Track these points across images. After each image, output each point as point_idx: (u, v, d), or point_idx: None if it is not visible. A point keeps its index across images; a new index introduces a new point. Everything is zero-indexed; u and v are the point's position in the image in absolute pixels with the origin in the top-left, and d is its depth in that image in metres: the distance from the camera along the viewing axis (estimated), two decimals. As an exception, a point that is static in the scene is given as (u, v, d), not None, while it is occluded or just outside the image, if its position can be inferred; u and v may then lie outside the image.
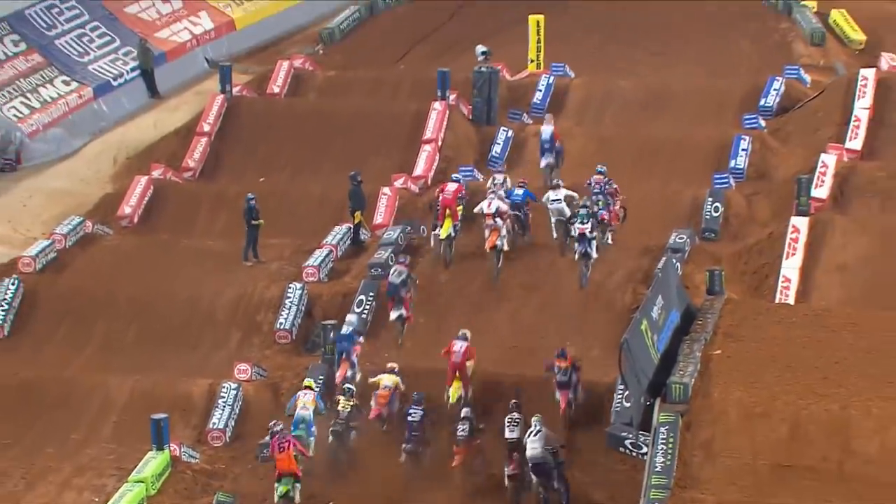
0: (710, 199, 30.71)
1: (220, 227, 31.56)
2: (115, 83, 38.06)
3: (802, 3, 40.32)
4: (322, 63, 39.11)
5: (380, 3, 42.09)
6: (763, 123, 34.27)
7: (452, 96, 35.19)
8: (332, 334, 25.98)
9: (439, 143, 33.98)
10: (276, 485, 22.77)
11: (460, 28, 40.55)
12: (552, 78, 36.36)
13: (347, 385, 24.61)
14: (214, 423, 25.12)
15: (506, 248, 28.03)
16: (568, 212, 27.91)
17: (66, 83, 37.31)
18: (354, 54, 39.76)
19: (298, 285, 28.18)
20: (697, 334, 24.25)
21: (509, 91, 36.23)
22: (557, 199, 28.16)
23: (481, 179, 32.47)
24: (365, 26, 41.07)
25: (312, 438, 23.75)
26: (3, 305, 28.17)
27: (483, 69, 35.53)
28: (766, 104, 34.98)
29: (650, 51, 39.21)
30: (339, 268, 29.42)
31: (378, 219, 30.99)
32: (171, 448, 24.03)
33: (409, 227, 30.17)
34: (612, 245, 28.65)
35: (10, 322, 28.06)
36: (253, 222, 29.53)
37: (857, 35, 39.39)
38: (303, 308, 27.87)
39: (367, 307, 27.63)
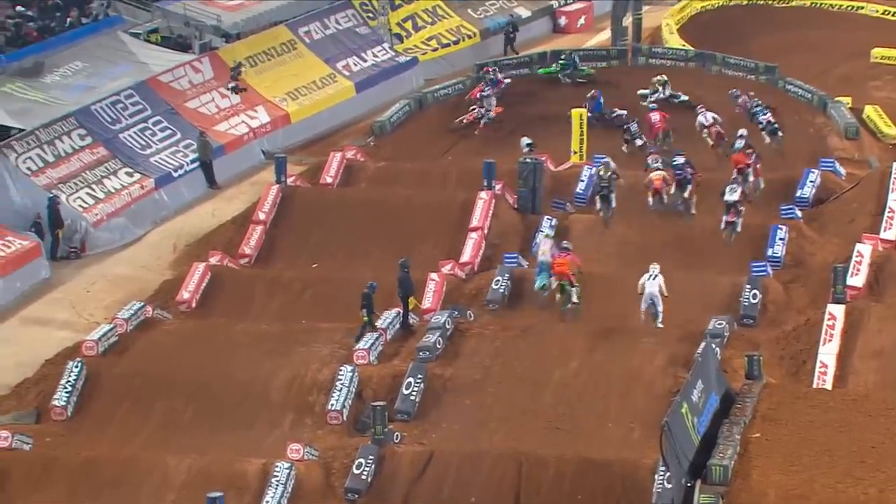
0: (749, 287, 30.70)
1: (275, 310, 31.77)
2: (175, 174, 38.55)
3: (837, 98, 40.49)
4: (373, 154, 39.52)
5: (428, 97, 42.54)
6: (799, 213, 34.31)
7: (498, 186, 35.44)
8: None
9: (485, 231, 34.18)
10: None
11: (505, 120, 40.85)
12: (594, 169, 36.56)
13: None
14: (268, 502, 25.12)
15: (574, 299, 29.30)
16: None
17: (129, 174, 37.83)
18: (404, 146, 40.16)
19: (349, 367, 28.30)
20: (737, 417, 24.15)
21: (553, 181, 36.45)
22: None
23: (525, 266, 32.66)
24: (414, 119, 41.47)
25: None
26: (66, 388, 28.36)
27: (528, 160, 35.82)
28: (803, 195, 35.05)
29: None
30: (389, 351, 29.53)
31: (426, 303, 31.15)
32: (227, 526, 24.05)
33: (455, 312, 30.31)
34: (660, 329, 29.01)
35: (73, 403, 28.24)
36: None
37: (891, 130, 39.51)
38: (353, 390, 27.95)
39: (416, 389, 27.72)
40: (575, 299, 30.14)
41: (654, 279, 29.29)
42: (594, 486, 24.74)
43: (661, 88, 40.82)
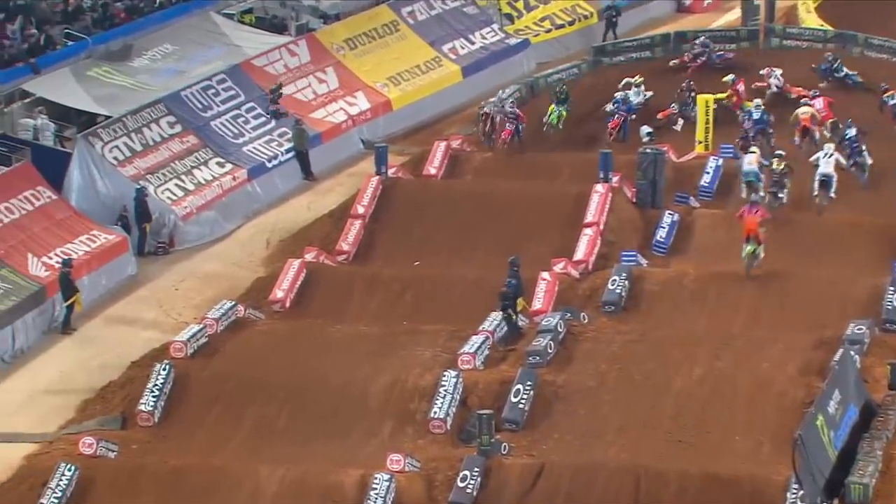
0: (892, 288, 30.10)
1: (374, 310, 31.82)
2: (269, 165, 38.78)
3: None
4: (480, 144, 39.40)
5: (540, 82, 42.33)
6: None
7: (615, 178, 35.18)
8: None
9: (601, 227, 33.95)
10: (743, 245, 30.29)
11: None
12: (721, 160, 36.15)
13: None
14: (365, 516, 25.22)
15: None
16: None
17: (221, 165, 38.12)
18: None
19: (453, 373, 28.23)
20: (878, 431, 23.75)
21: (675, 173, 36.12)
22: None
23: (645, 265, 32.37)
24: (525, 106, 41.22)
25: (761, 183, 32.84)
26: (154, 392, 28.64)
27: (648, 150, 35.51)
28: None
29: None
30: (496, 355, 29.43)
31: (536, 304, 30.98)
32: (321, 540, 24.15)
33: (568, 314, 30.11)
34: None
35: (160, 408, 28.50)
36: None
37: None
38: (458, 397, 27.88)
39: (525, 397, 27.57)
40: (761, 254, 30.86)
41: (829, 157, 32.50)
42: (719, 503, 24.40)
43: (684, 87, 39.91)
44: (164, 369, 28.96)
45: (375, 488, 25.43)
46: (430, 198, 35.66)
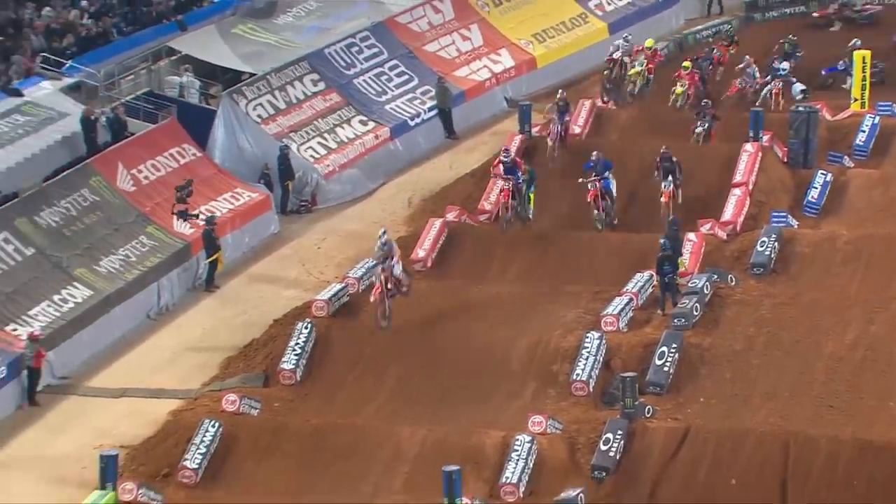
0: None
1: (516, 271, 31.77)
2: (411, 123, 38.92)
3: None
4: (626, 103, 39.01)
5: (689, 38, 41.76)
6: None
7: (766, 137, 34.67)
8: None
9: (750, 187, 33.50)
10: None
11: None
12: (878, 118, 35.41)
13: None
14: (507, 478, 25.20)
15: None
16: None
17: (363, 123, 38.34)
18: (659, 91, 39.45)
19: (596, 335, 28.14)
20: None
21: (829, 132, 35.50)
22: None
23: (796, 226, 31.89)
24: (673, 63, 40.69)
25: None
26: (296, 350, 29.00)
27: (801, 108, 34.92)
28: None
29: None
30: (640, 317, 29.25)
31: (682, 266, 30.68)
32: (464, 502, 24.22)
33: (715, 276, 29.80)
34: None
35: (302, 367, 28.84)
36: None
37: None
38: (601, 359, 27.79)
39: (670, 360, 27.38)
40: None
41: None
42: (873, 471, 24.12)
43: None
44: (305, 328, 29.29)
45: (517, 450, 25.47)
46: (575, 156, 35.42)
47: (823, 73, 38.56)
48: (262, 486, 25.79)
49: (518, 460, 25.35)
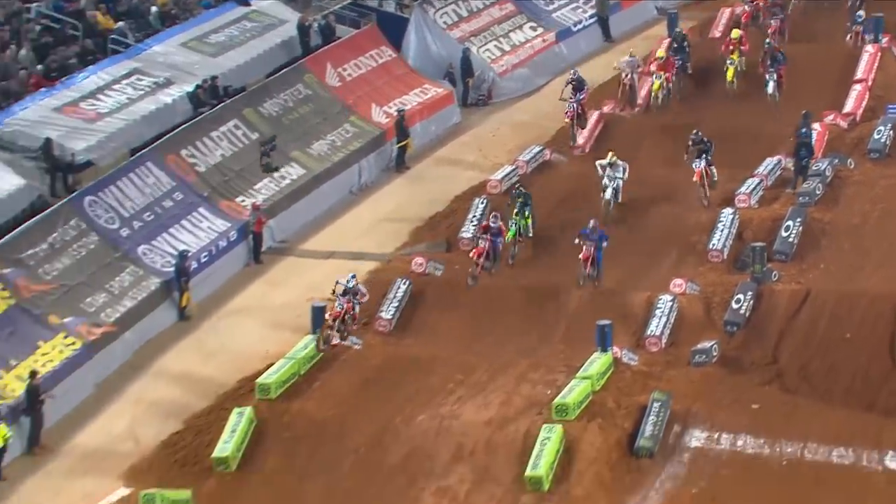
0: None
1: (663, 156, 31.16)
2: (574, 29, 38.50)
3: None
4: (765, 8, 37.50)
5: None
6: None
7: (885, 39, 33.37)
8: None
9: (870, 83, 32.37)
10: None
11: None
12: None
13: None
14: (651, 331, 25.05)
15: None
16: None
17: (533, 28, 38.08)
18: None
19: (730, 210, 27.65)
20: None
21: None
22: None
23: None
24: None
25: None
26: (473, 221, 28.80)
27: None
28: None
29: None
30: (769, 196, 28.61)
31: (806, 152, 29.87)
32: (614, 351, 24.20)
33: (836, 160, 28.98)
34: None
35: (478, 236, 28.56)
36: None
37: None
38: (734, 231, 27.31)
39: (794, 232, 26.80)
40: None
41: None
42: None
43: None
44: (482, 203, 29.24)
45: (660, 307, 25.30)
46: (714, 59, 34.39)
47: None
48: (444, 334, 25.99)
49: (661, 316, 25.18)
